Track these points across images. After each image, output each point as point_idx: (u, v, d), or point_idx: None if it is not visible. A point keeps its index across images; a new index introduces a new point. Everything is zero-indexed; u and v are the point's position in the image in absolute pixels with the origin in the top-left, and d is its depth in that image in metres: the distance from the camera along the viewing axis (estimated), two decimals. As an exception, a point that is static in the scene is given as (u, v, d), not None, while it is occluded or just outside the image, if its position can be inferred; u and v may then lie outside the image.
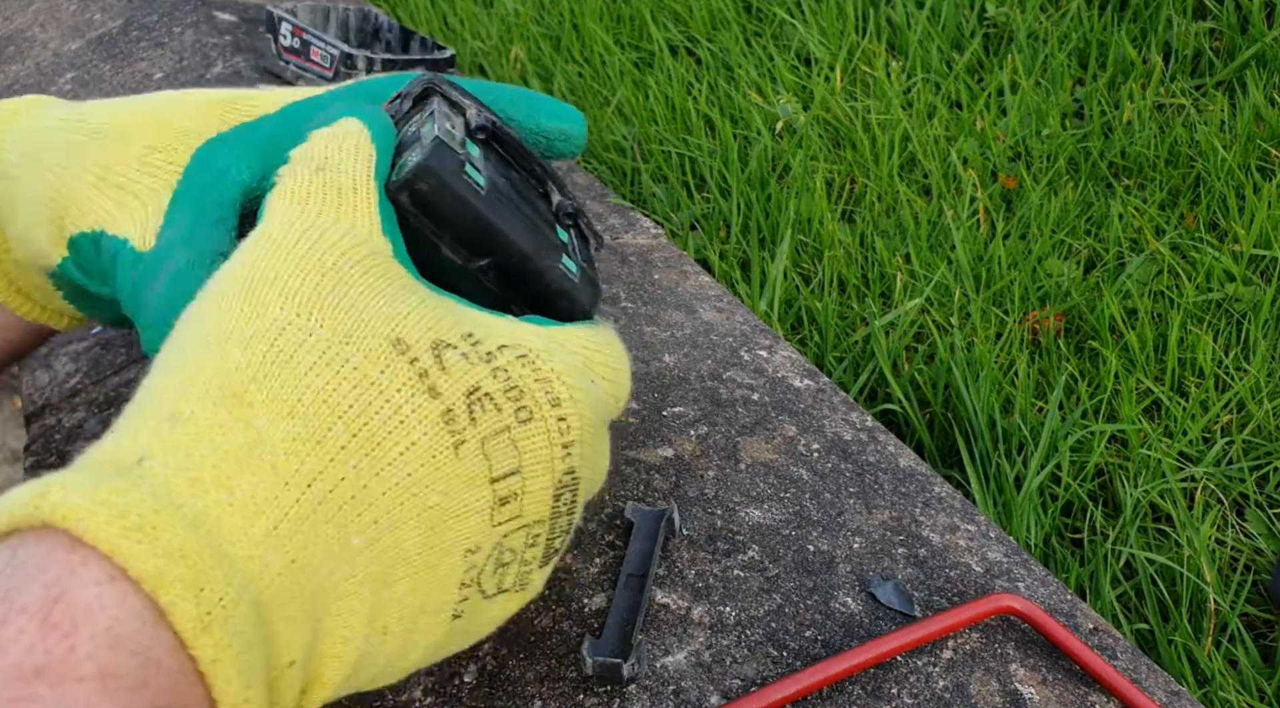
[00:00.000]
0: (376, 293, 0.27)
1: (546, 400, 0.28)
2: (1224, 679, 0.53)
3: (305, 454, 0.24)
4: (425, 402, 0.26)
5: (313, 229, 0.28)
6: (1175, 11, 1.08)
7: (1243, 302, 0.77)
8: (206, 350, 0.25)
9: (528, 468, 0.28)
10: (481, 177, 0.32)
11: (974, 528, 0.48)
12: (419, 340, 0.27)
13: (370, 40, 0.94)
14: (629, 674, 0.37)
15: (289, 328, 0.26)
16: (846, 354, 0.75)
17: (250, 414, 0.24)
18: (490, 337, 0.29)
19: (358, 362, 0.26)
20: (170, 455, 0.23)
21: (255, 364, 0.25)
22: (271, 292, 0.26)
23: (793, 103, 1.00)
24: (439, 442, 0.26)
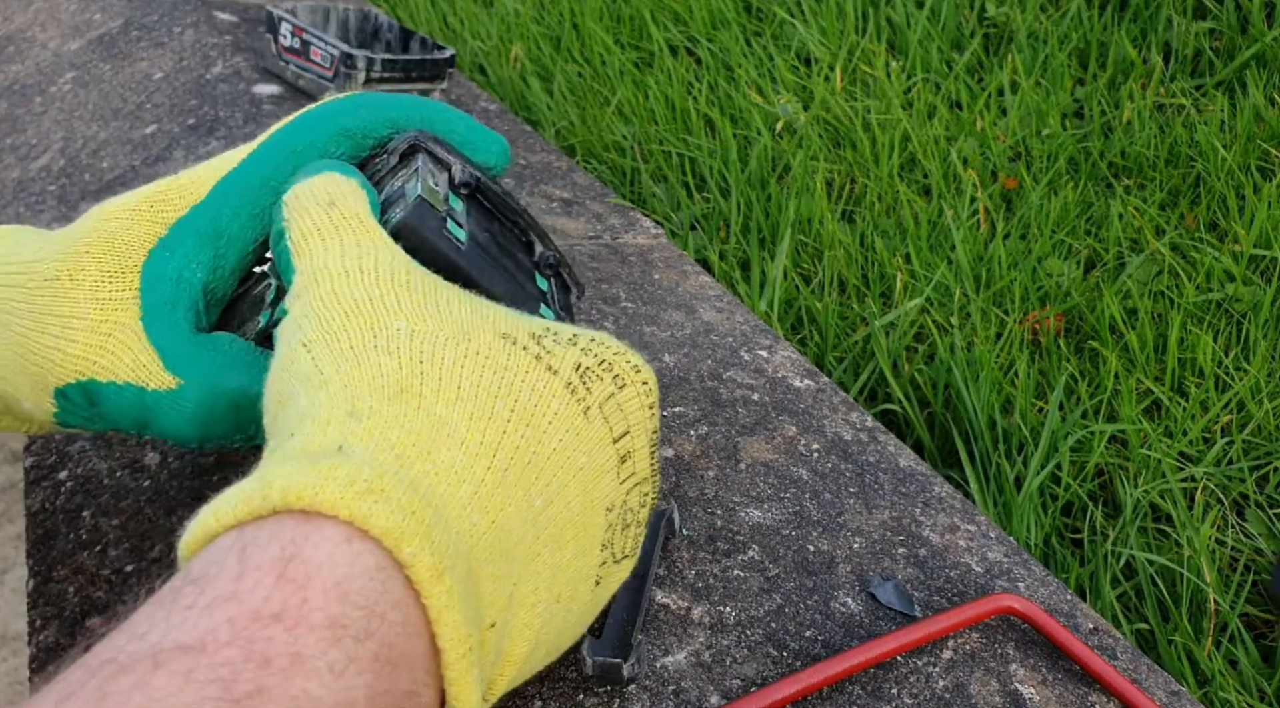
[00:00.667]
0: (460, 299, 0.30)
1: (629, 368, 0.31)
2: (1224, 679, 0.53)
3: (484, 429, 0.26)
4: (550, 378, 0.28)
5: (368, 255, 0.29)
6: (1175, 11, 1.08)
7: (1243, 302, 0.77)
8: (351, 363, 0.27)
9: (634, 427, 0.30)
10: (463, 232, 0.33)
11: (974, 528, 0.48)
12: (519, 333, 0.29)
13: (370, 40, 0.94)
14: (629, 674, 0.37)
15: (415, 334, 0.27)
16: (846, 354, 0.75)
17: (426, 403, 0.26)
18: (561, 329, 0.31)
19: (486, 352, 0.28)
20: (368, 440, 0.24)
21: (406, 366, 0.27)
22: (379, 310, 0.28)
23: (793, 103, 1.00)
24: (572, 409, 0.29)
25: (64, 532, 0.48)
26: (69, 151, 0.86)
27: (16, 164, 0.86)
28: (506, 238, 0.36)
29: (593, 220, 0.75)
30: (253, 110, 0.84)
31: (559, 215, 0.75)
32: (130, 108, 0.89)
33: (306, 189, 0.32)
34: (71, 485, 0.51)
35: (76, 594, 0.45)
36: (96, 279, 0.35)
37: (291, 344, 0.28)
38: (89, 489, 0.50)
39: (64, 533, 0.48)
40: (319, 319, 0.28)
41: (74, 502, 0.50)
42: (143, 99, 0.90)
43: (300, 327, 0.29)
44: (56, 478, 0.52)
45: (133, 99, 0.91)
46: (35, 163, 0.86)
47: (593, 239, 0.72)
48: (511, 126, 0.90)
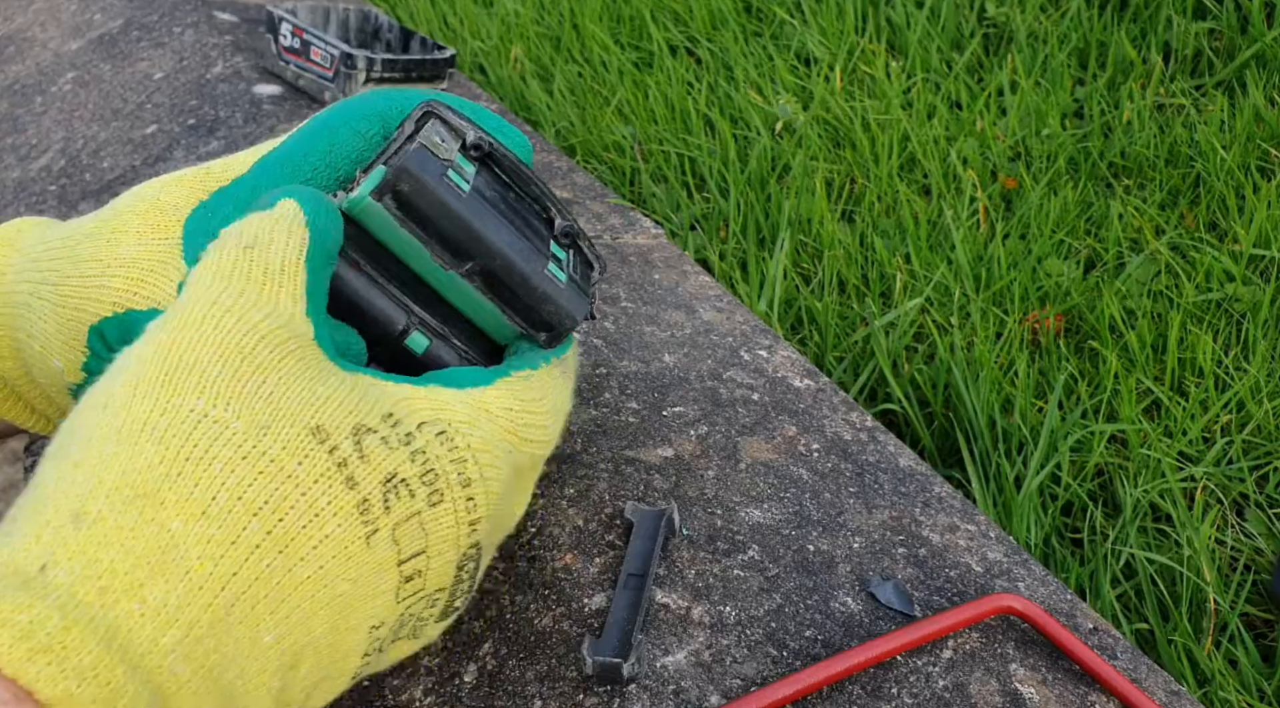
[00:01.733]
0: (296, 377, 0.27)
1: (458, 481, 0.29)
2: (1224, 679, 0.53)
3: (219, 557, 0.24)
4: (341, 492, 0.26)
5: (234, 310, 0.27)
6: (1175, 11, 1.08)
7: (1242, 301, 0.77)
8: (118, 444, 0.25)
9: (433, 547, 0.28)
10: (465, 183, 0.32)
11: (974, 528, 0.48)
12: (339, 426, 0.27)
13: (370, 40, 0.94)
14: (629, 674, 0.37)
15: (205, 420, 0.25)
16: (846, 354, 0.75)
17: (163, 515, 0.24)
18: (411, 414, 0.29)
19: (274, 454, 0.26)
20: (76, 561, 0.22)
21: (169, 461, 0.24)
22: (188, 380, 0.26)
23: (792, 103, 1.00)
24: (352, 533, 0.26)
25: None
26: (69, 151, 0.86)
27: (17, 164, 0.86)
28: (522, 206, 0.35)
29: (593, 220, 0.75)
30: (253, 110, 0.84)
31: (559, 215, 0.75)
32: (130, 108, 0.89)
33: (240, 225, 0.30)
34: (72, 485, 0.51)
35: None
36: (139, 230, 0.35)
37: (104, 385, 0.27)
38: (89, 489, 0.50)
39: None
40: (134, 371, 0.26)
41: (74, 502, 0.50)
42: (143, 99, 0.90)
43: (119, 371, 0.27)
44: (57, 478, 0.52)
45: (133, 99, 0.91)
46: (35, 163, 0.86)
47: (593, 239, 0.72)
48: (511, 127, 0.90)
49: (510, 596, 0.41)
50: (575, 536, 0.44)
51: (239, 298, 0.28)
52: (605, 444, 0.49)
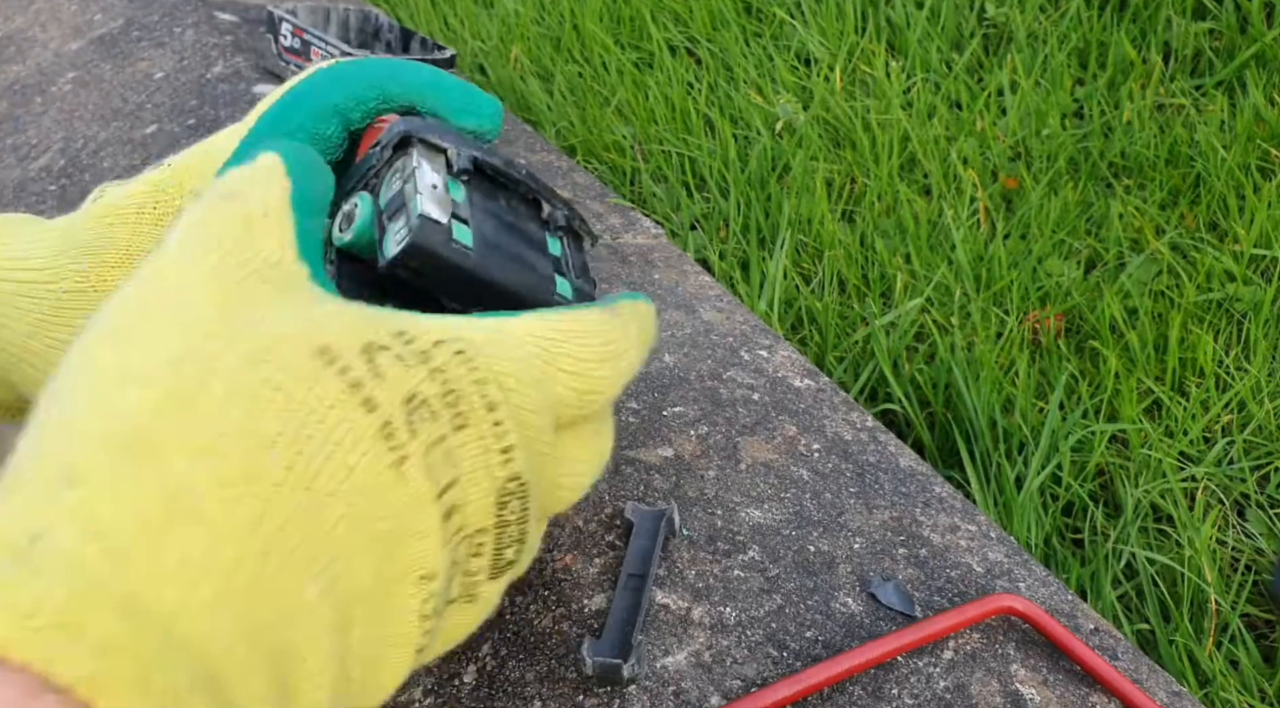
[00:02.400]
0: (288, 304, 0.25)
1: (481, 403, 0.26)
2: (1225, 680, 0.53)
3: (237, 497, 0.21)
4: (361, 417, 0.23)
5: (215, 248, 0.25)
6: (1175, 11, 1.08)
7: (1243, 301, 0.77)
8: (98, 394, 0.22)
9: (466, 476, 0.25)
10: (469, 233, 0.32)
11: (974, 528, 0.48)
12: (348, 346, 0.24)
13: (370, 40, 0.94)
14: (629, 675, 0.37)
15: (193, 353, 0.22)
16: (847, 354, 0.75)
17: (163, 458, 0.21)
18: (425, 333, 0.26)
19: (279, 380, 0.22)
20: (73, 524, 0.19)
21: (163, 402, 0.21)
22: (168, 317, 0.23)
23: (792, 103, 1.00)
24: (380, 461, 0.23)
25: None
26: (69, 151, 0.86)
27: (16, 164, 0.86)
28: (514, 209, 0.36)
29: (593, 220, 0.75)
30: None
31: (559, 215, 0.75)
32: (130, 108, 0.89)
33: (221, 181, 0.28)
34: (71, 486, 0.51)
35: None
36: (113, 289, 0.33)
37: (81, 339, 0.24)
38: (89, 490, 0.50)
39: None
40: (112, 318, 0.24)
41: (74, 502, 0.50)
42: (143, 99, 0.90)
43: (96, 321, 0.24)
44: (56, 478, 0.52)
45: (133, 99, 0.91)
46: (35, 163, 0.86)
47: (593, 239, 0.72)
48: (512, 126, 0.90)
49: (510, 596, 0.41)
50: (575, 536, 0.44)
51: (219, 241, 0.26)
52: (605, 444, 0.49)
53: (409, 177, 0.33)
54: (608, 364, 0.30)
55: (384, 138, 0.35)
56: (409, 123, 0.34)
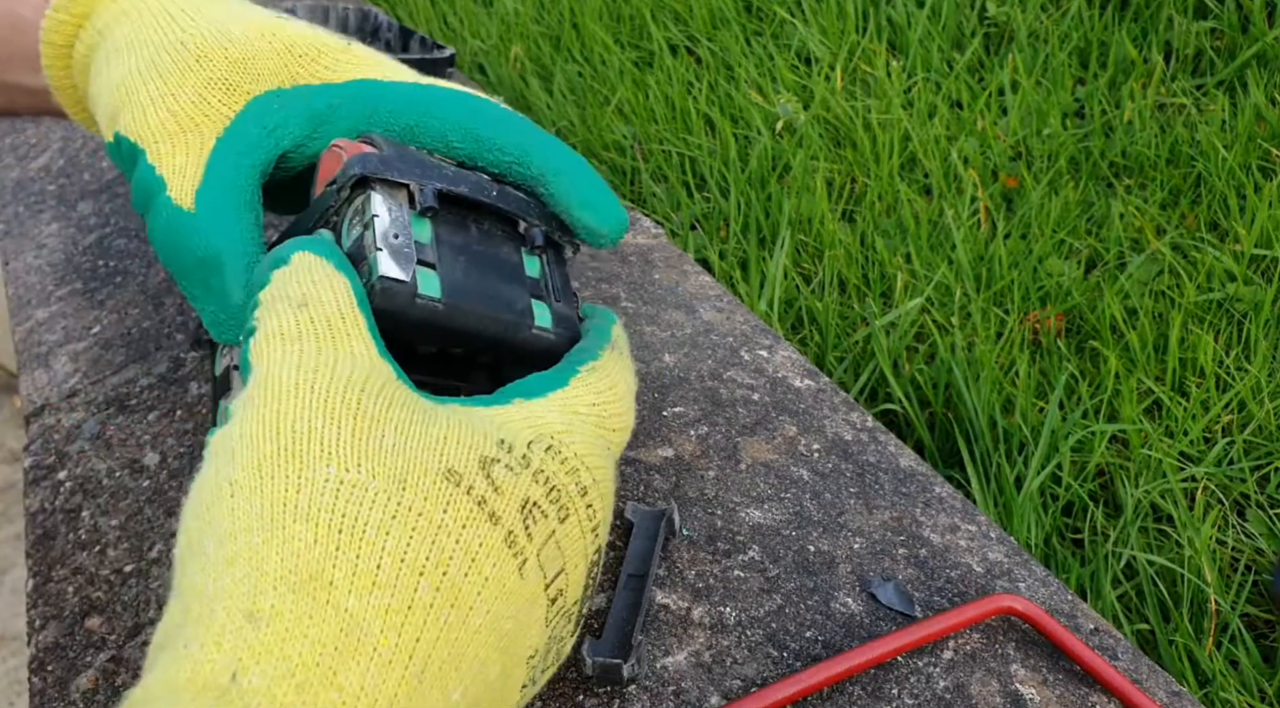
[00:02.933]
0: (410, 424, 0.27)
1: (577, 491, 0.29)
2: (1225, 680, 0.53)
3: (400, 626, 0.24)
4: (489, 531, 0.26)
5: (323, 369, 0.27)
6: (1176, 11, 1.08)
7: (1243, 301, 0.77)
8: (266, 531, 0.24)
9: (569, 562, 0.28)
10: (436, 282, 0.31)
11: (974, 528, 0.48)
12: (467, 464, 0.27)
13: (369, 39, 0.94)
14: (629, 675, 0.37)
15: (344, 485, 0.25)
16: (847, 354, 0.75)
17: (335, 595, 0.23)
18: (518, 436, 0.28)
19: (420, 506, 0.25)
20: (265, 662, 0.22)
21: (324, 539, 0.24)
22: (311, 448, 0.26)
23: (793, 102, 1.00)
24: (506, 568, 0.26)
25: (63, 532, 0.48)
26: (69, 151, 0.86)
27: (16, 164, 0.86)
28: (486, 235, 0.34)
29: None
30: (252, 110, 0.84)
31: (559, 215, 0.75)
32: (130, 107, 0.89)
33: (280, 285, 0.29)
34: (71, 486, 0.51)
35: (76, 594, 0.45)
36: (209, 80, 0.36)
37: (219, 473, 0.26)
38: (88, 489, 0.50)
39: (63, 533, 0.48)
40: (250, 452, 0.26)
41: (73, 502, 0.50)
42: (142, 98, 0.90)
43: (233, 455, 0.26)
44: (56, 478, 0.52)
45: (132, 98, 0.91)
46: (35, 162, 0.86)
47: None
48: (511, 126, 0.90)
49: (510, 596, 0.41)
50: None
51: (319, 355, 0.28)
52: (605, 444, 0.49)
53: (368, 223, 0.31)
54: (631, 407, 0.34)
55: (339, 178, 0.33)
56: (364, 162, 0.32)
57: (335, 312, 0.29)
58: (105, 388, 0.58)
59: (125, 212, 0.75)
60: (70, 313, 0.65)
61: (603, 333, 0.35)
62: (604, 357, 0.34)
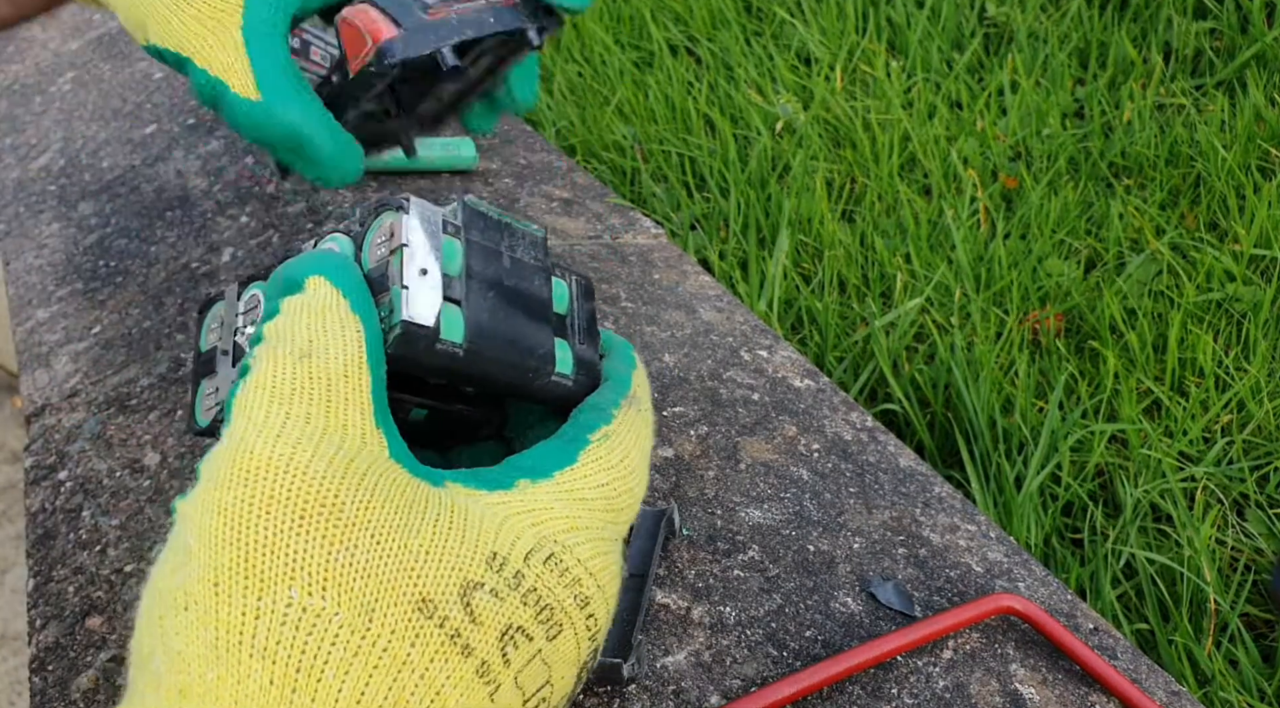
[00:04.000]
0: (390, 531, 0.25)
1: (575, 605, 0.27)
2: (1224, 679, 0.53)
3: None
4: (459, 664, 0.25)
5: (302, 444, 0.25)
6: (1175, 11, 1.08)
7: (1243, 301, 0.77)
8: (220, 664, 0.23)
9: (556, 673, 0.27)
10: (460, 324, 0.29)
11: (974, 528, 0.48)
12: (445, 591, 0.25)
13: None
14: (629, 675, 0.37)
15: (306, 616, 0.24)
16: (846, 354, 0.75)
17: None
18: (515, 544, 0.27)
19: (386, 642, 0.24)
20: None
21: (280, 681, 0.23)
22: (274, 564, 0.24)
23: (793, 102, 1.00)
24: (476, 697, 0.25)
25: (64, 532, 0.49)
26: (69, 151, 0.86)
27: (16, 164, 0.86)
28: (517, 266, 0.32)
29: (593, 220, 0.75)
30: (253, 110, 0.84)
31: (559, 215, 0.75)
32: (130, 108, 0.89)
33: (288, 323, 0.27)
34: (71, 486, 0.51)
35: (76, 594, 0.45)
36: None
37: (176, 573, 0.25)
38: (89, 489, 0.50)
39: (64, 533, 0.48)
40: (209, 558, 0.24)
41: (74, 502, 0.50)
42: (142, 99, 0.90)
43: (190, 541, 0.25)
44: (56, 478, 0.52)
45: (132, 99, 0.91)
46: (35, 163, 0.86)
47: (593, 239, 0.72)
48: (511, 126, 0.90)
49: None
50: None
51: (305, 425, 0.25)
52: (605, 444, 0.49)
53: (396, 250, 0.29)
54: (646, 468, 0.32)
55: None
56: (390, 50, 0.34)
57: (339, 371, 0.26)
58: (106, 388, 0.58)
59: (125, 211, 0.75)
60: (71, 313, 0.66)
61: (621, 383, 0.33)
62: (617, 420, 0.31)
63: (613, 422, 0.31)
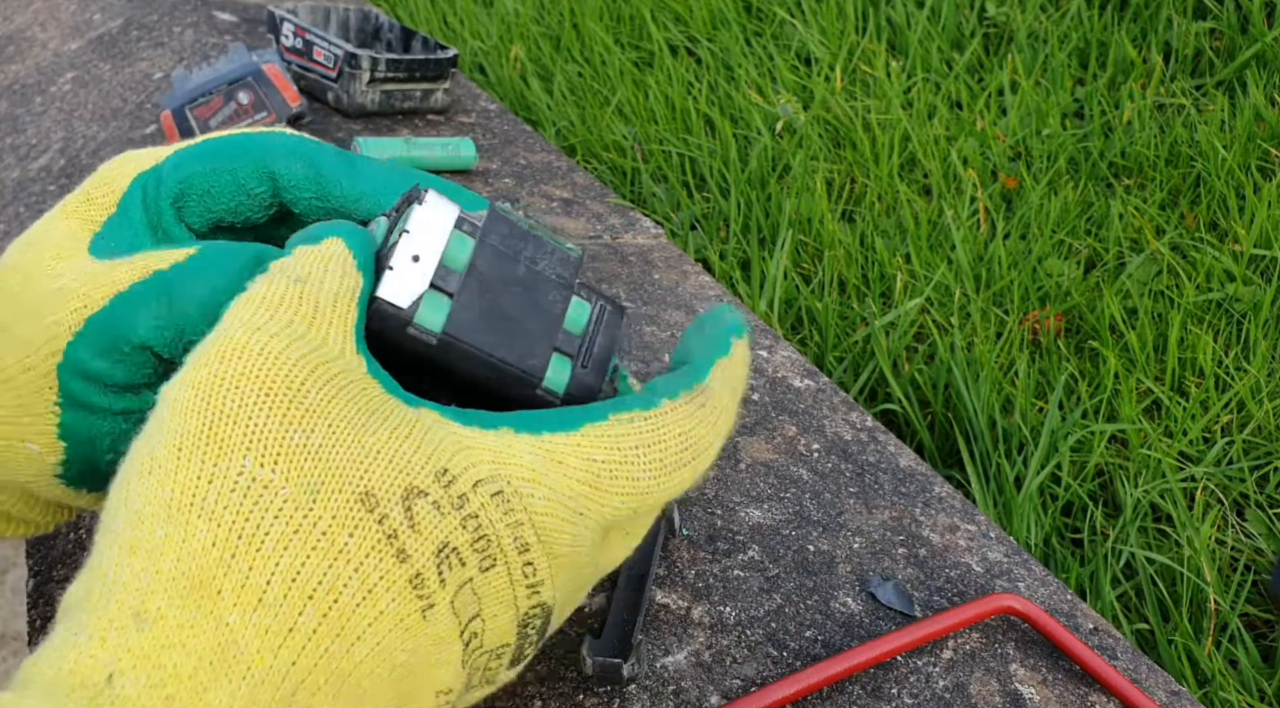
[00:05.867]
0: (347, 425, 0.26)
1: (513, 546, 0.27)
2: (1224, 679, 0.53)
3: (277, 648, 0.23)
4: (393, 567, 0.25)
5: (279, 336, 0.26)
6: (1175, 11, 1.08)
7: (1243, 301, 0.77)
8: (169, 523, 0.24)
9: (487, 609, 0.27)
10: (443, 313, 0.29)
11: (974, 528, 0.48)
12: (389, 489, 0.25)
13: (371, 40, 0.94)
14: (629, 674, 0.37)
15: (254, 485, 0.24)
16: (846, 354, 0.75)
17: (220, 608, 0.23)
18: (468, 469, 0.27)
19: (325, 526, 0.24)
20: (141, 669, 0.22)
21: (221, 543, 0.24)
22: (234, 433, 0.25)
23: (793, 102, 1.00)
24: (407, 607, 0.25)
25: (64, 532, 0.48)
26: (69, 151, 0.86)
27: (16, 164, 0.86)
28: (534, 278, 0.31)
29: (593, 220, 0.75)
30: (253, 110, 0.84)
31: (559, 215, 0.75)
32: (130, 108, 0.89)
33: (295, 260, 0.28)
34: (71, 485, 0.51)
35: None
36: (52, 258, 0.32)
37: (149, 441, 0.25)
38: (89, 489, 0.50)
39: (64, 533, 0.48)
40: (177, 425, 0.25)
41: (74, 502, 0.50)
42: (142, 99, 0.90)
43: (165, 412, 0.25)
44: (56, 478, 0.52)
45: (132, 99, 0.91)
46: (35, 163, 0.86)
47: (593, 239, 0.72)
48: (511, 126, 0.90)
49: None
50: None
51: (286, 326, 0.26)
52: (605, 444, 0.49)
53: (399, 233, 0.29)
54: (682, 470, 0.30)
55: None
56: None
57: (329, 299, 0.27)
58: (106, 388, 0.58)
59: (125, 212, 0.75)
60: (71, 313, 0.65)
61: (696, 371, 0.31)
62: (664, 407, 0.30)
63: (655, 408, 0.29)
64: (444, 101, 0.89)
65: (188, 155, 0.33)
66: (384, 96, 0.85)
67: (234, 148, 0.33)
